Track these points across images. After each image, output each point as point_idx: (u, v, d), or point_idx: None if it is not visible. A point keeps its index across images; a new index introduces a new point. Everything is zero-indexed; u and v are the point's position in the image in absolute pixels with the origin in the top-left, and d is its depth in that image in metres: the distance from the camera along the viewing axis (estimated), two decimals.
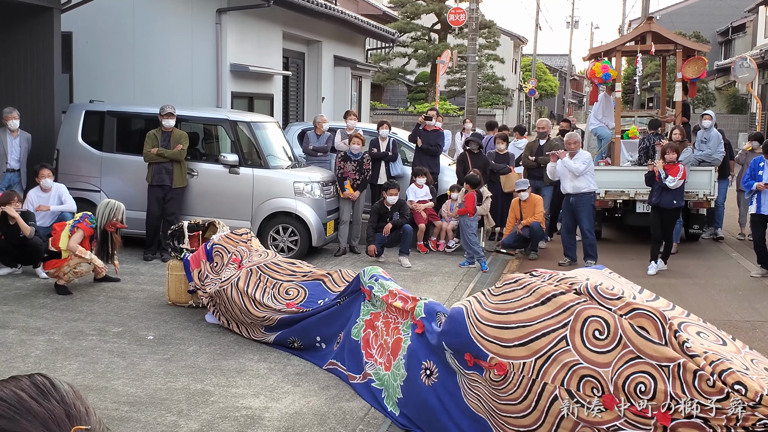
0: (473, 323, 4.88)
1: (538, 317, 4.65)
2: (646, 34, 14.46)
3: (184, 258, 8.44)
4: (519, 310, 4.76)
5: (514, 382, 4.59)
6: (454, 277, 10.79)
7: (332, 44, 19.84)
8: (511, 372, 4.61)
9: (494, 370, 4.69)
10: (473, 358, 4.85)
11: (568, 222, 12.06)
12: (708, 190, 13.06)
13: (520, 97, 57.28)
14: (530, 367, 4.52)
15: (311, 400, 5.99)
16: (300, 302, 7.29)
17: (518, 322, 4.71)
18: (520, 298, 4.82)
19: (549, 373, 4.43)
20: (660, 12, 47.45)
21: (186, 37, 14.35)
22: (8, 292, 9.04)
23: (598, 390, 4.25)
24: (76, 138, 11.88)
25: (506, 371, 4.63)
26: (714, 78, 39.73)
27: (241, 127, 11.57)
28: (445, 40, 34.56)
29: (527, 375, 4.53)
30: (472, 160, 13.27)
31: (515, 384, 4.58)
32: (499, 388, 4.69)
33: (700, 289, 10.64)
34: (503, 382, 4.65)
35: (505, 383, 4.64)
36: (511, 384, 4.61)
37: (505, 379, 4.64)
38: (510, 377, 4.61)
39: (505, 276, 5.15)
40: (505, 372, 4.64)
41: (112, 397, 5.85)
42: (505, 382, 4.64)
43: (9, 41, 12.46)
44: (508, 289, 4.95)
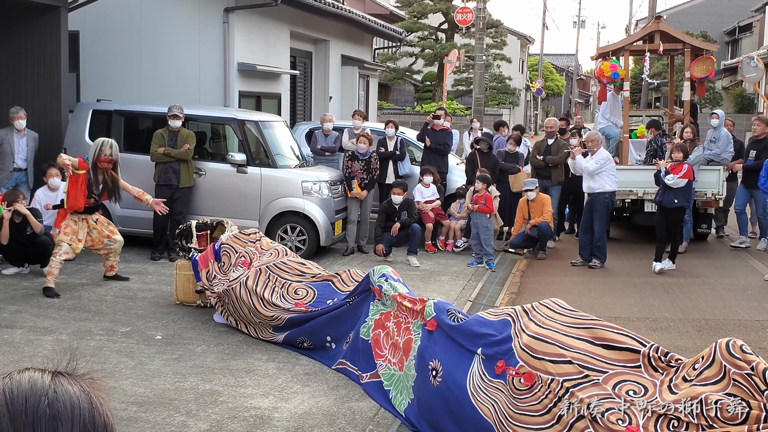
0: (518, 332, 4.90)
1: (578, 348, 4.66)
2: (654, 33, 14.41)
3: (193, 258, 8.41)
4: (561, 334, 4.77)
5: (540, 394, 4.56)
6: (462, 276, 10.76)
7: (340, 43, 19.82)
8: (539, 383, 4.58)
9: (521, 378, 4.66)
10: (504, 365, 4.82)
11: (587, 221, 11.99)
12: (716, 189, 12.99)
13: (527, 97, 57.24)
14: (558, 384, 4.50)
15: (320, 400, 5.96)
16: (309, 302, 7.27)
17: (557, 342, 4.72)
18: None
19: (576, 396, 4.40)
20: (667, 11, 47.38)
21: (193, 36, 14.34)
22: (15, 291, 9.02)
23: (623, 421, 4.21)
24: (84, 137, 11.87)
25: (533, 382, 4.61)
26: (721, 78, 39.62)
27: (249, 126, 11.55)
28: (452, 40, 34.52)
29: (554, 390, 4.50)
30: (482, 159, 13.24)
31: (541, 396, 4.55)
32: (520, 398, 4.65)
33: (710, 288, 10.58)
34: (528, 392, 4.62)
35: (530, 393, 4.61)
36: (536, 395, 4.58)
37: (531, 389, 4.61)
38: (536, 389, 4.58)
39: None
40: (533, 383, 4.61)
41: (120, 398, 5.83)
42: (530, 392, 4.61)
43: (16, 40, 12.46)
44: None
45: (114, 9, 14.07)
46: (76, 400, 1.22)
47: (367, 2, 33.18)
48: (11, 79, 12.54)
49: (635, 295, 10.27)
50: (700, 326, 8.65)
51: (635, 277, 11.45)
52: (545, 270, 11.96)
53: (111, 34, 14.43)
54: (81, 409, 1.21)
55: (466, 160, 14.14)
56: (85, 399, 1.23)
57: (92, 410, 1.23)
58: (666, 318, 9.02)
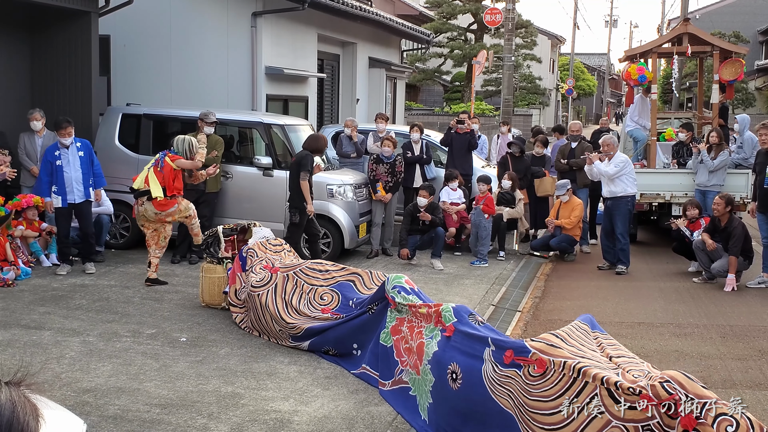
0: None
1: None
2: (682, 35, 14.34)
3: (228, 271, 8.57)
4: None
5: (553, 378, 4.63)
6: (486, 280, 10.78)
7: (367, 46, 19.89)
8: (551, 369, 4.65)
9: (534, 365, 4.74)
10: (513, 355, 4.89)
11: (607, 226, 11.99)
12: (745, 192, 12.89)
13: (558, 97, 56.94)
14: (571, 367, 4.56)
15: (340, 404, 6.02)
16: (334, 307, 7.34)
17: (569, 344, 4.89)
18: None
19: (589, 373, 4.46)
20: (700, 11, 46.90)
21: (222, 40, 14.49)
22: (45, 293, 9.20)
23: (635, 390, 4.27)
24: (113, 141, 12.06)
25: (546, 368, 4.68)
26: (754, 78, 39.19)
27: (275, 130, 11.67)
28: (481, 41, 34.43)
29: (567, 373, 4.56)
30: (513, 163, 13.30)
31: (554, 380, 4.62)
32: (534, 384, 4.72)
33: (736, 294, 10.50)
34: (541, 377, 4.69)
35: (543, 379, 4.68)
36: (550, 380, 4.64)
37: (544, 375, 4.68)
38: (549, 374, 4.66)
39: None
40: (545, 368, 4.68)
41: (144, 399, 5.94)
42: (543, 377, 4.68)
43: (48, 45, 12.69)
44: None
45: (144, 14, 14.26)
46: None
47: (396, 3, 33.21)
48: (43, 83, 12.76)
49: (660, 300, 10.23)
50: (725, 332, 8.60)
51: (661, 281, 11.40)
52: (570, 274, 11.95)
53: (141, 39, 14.62)
54: (0, 416, 1.31)
55: (497, 164, 14.21)
56: (8, 407, 1.33)
57: (11, 417, 1.32)
58: (690, 324, 8.98)
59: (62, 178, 10.04)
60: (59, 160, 10.03)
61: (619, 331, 8.34)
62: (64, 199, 10.09)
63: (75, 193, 10.14)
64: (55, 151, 10.06)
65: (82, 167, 10.17)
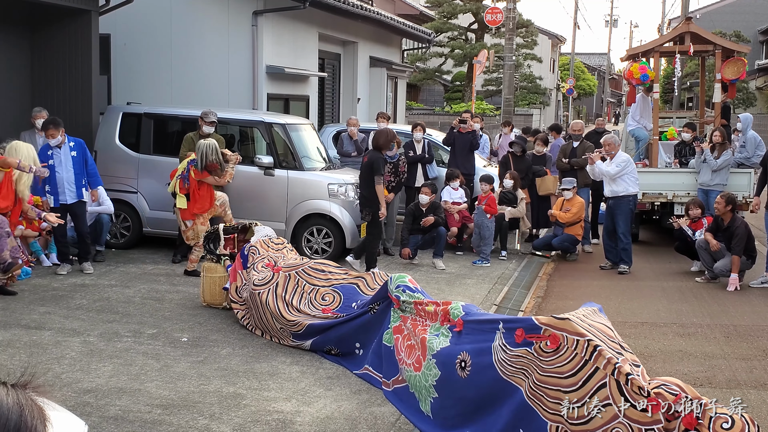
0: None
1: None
2: (684, 34, 14.30)
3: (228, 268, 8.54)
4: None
5: (567, 355, 4.58)
6: (488, 280, 10.74)
7: (368, 45, 19.86)
8: (564, 345, 4.60)
9: (547, 341, 4.69)
10: (524, 333, 4.85)
11: (609, 225, 11.96)
12: (747, 192, 12.85)
13: (558, 97, 56.91)
14: (584, 347, 4.52)
15: (343, 405, 5.98)
16: (335, 308, 7.30)
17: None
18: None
19: (601, 360, 4.43)
20: (700, 11, 46.87)
21: (222, 39, 14.45)
22: (45, 293, 9.16)
23: (644, 390, 4.24)
24: (114, 140, 12.01)
25: (559, 343, 4.63)
26: (755, 77, 39.16)
27: (276, 129, 11.62)
28: (482, 40, 34.41)
29: (580, 354, 4.51)
30: (515, 162, 13.27)
31: (567, 357, 4.57)
32: (547, 360, 4.66)
33: (739, 293, 10.47)
34: (554, 353, 4.64)
35: (557, 355, 4.63)
36: (563, 356, 4.59)
37: (557, 351, 4.63)
38: (562, 350, 4.60)
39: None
40: (558, 344, 4.63)
41: (145, 400, 5.90)
42: (557, 353, 4.63)
43: (48, 44, 12.65)
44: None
45: (145, 12, 14.21)
46: (5, 411, 1.28)
47: (396, 2, 33.17)
48: (43, 82, 12.72)
49: (663, 299, 10.19)
50: (729, 332, 8.56)
51: (664, 281, 11.36)
52: (572, 274, 11.91)
53: (142, 38, 14.58)
54: (8, 420, 1.27)
55: (499, 164, 14.19)
56: (16, 411, 1.29)
57: (19, 422, 1.28)
58: (694, 323, 8.94)
59: (54, 179, 9.95)
60: (51, 160, 9.95)
61: (622, 330, 8.27)
62: (56, 199, 10.03)
63: (67, 194, 10.04)
64: (47, 150, 10.00)
65: (74, 167, 10.06)
